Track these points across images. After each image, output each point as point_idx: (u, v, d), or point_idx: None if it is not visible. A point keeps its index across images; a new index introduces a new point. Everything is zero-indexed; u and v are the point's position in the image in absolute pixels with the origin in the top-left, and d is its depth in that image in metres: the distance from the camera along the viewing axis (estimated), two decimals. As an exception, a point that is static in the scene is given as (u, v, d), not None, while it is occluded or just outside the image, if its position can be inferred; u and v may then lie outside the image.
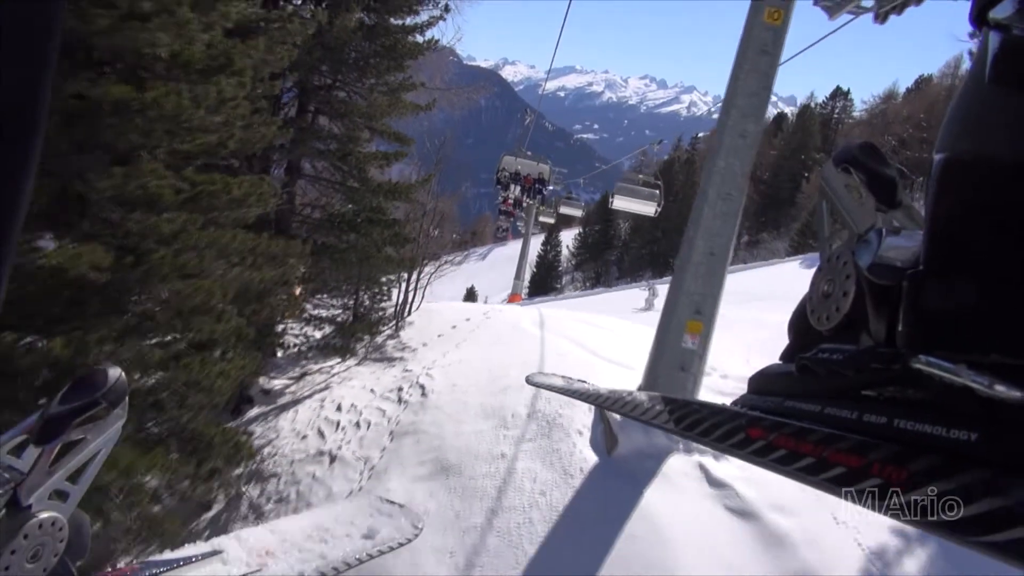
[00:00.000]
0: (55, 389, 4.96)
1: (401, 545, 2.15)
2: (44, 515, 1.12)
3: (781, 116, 72.79)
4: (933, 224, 0.71)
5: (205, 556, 1.67)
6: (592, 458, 6.93)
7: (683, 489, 6.30)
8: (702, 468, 6.55)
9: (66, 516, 1.16)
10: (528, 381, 2.15)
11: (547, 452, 7.15)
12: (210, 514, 8.49)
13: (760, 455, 0.83)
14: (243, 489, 8.57)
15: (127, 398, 1.21)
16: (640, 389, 7.42)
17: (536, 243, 51.93)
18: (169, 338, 6.28)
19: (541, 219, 37.87)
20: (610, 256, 62.10)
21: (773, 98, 7.49)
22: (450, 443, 7.90)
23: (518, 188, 18.81)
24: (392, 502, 2.38)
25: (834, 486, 0.69)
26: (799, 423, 0.83)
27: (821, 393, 0.85)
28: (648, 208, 19.59)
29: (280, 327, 11.28)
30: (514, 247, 42.09)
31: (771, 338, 8.47)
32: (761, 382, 1.07)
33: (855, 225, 0.98)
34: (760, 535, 5.65)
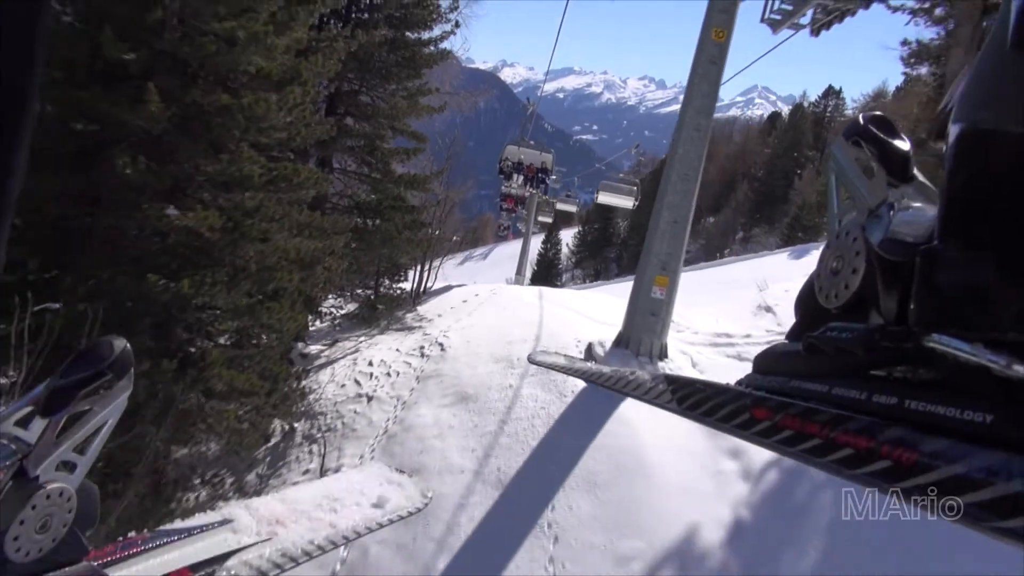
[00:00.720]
0: (179, 320, 6.96)
1: (411, 514, 2.17)
2: (52, 486, 1.12)
3: (775, 115, 74.59)
4: (949, 197, 0.68)
5: (215, 525, 1.70)
6: (581, 384, 8.79)
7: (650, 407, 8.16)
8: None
9: (74, 487, 1.16)
10: (530, 360, 2.11)
11: (546, 382, 9.01)
12: (270, 444, 10.35)
13: (765, 436, 0.82)
14: (296, 424, 10.42)
15: (132, 369, 1.20)
16: (620, 335, 9.34)
17: (536, 242, 53.74)
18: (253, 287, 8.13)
19: (540, 219, 39.70)
20: (609, 253, 63.81)
21: (772, 97, 9.36)
22: (467, 381, 9.77)
23: (521, 177, 19.06)
24: (401, 471, 2.42)
25: (842, 468, 0.68)
26: (805, 403, 0.82)
27: (828, 373, 0.84)
28: (627, 202, 22.96)
29: (318, 298, 13.12)
30: (515, 246, 43.83)
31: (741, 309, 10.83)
32: (766, 361, 1.05)
33: (866, 200, 0.95)
34: (707, 430, 7.52)
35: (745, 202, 61.50)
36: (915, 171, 0.94)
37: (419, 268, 15.15)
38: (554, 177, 20.03)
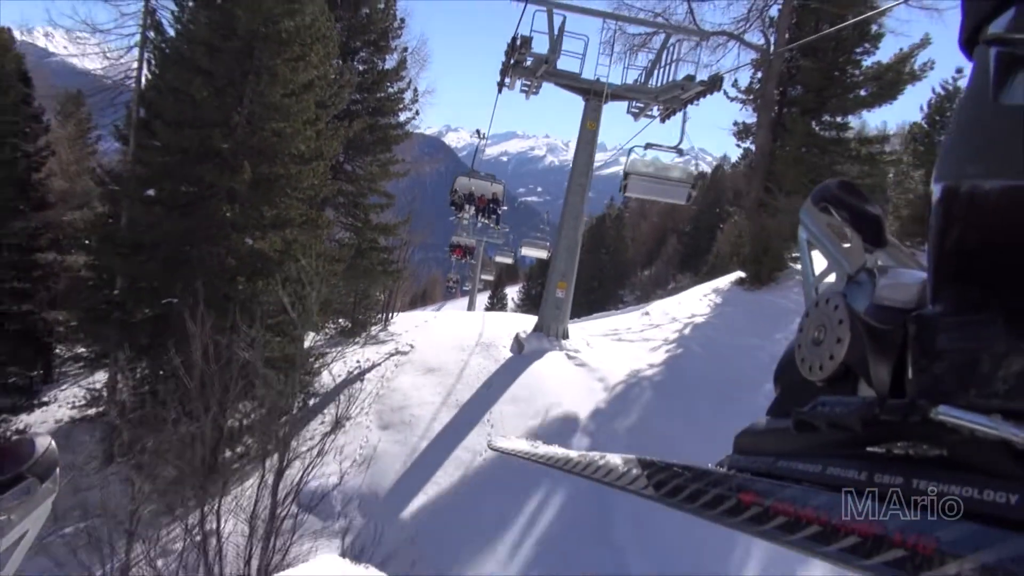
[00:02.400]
0: (247, 311, 11.54)
1: None
2: None
3: (701, 175, 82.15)
4: (941, 257, 0.66)
5: None
6: (509, 355, 13.27)
7: (554, 361, 12.71)
8: (567, 354, 12.97)
9: None
10: (490, 446, 1.90)
11: (486, 356, 13.43)
12: (293, 411, 14.32)
13: (757, 523, 0.75)
14: (313, 399, 14.46)
15: (57, 470, 1.01)
16: (537, 324, 13.91)
17: (483, 298, 58.32)
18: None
19: (483, 277, 44.16)
20: (551, 305, 68.54)
21: (709, 158, 13.51)
22: (432, 361, 14.08)
23: (472, 208, 19.60)
24: (362, 564, 2.56)
25: (849, 557, 0.62)
26: (798, 485, 0.76)
27: (819, 451, 0.79)
28: (543, 254, 28.61)
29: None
30: (463, 302, 48.31)
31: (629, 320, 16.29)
32: (748, 440, 0.99)
33: (844, 266, 0.92)
34: (586, 372, 12.09)
35: (675, 255, 67.72)
36: (888, 235, 0.91)
37: (388, 295, 19.49)
38: (505, 208, 20.58)
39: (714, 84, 12.33)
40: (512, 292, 70.13)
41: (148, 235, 11.54)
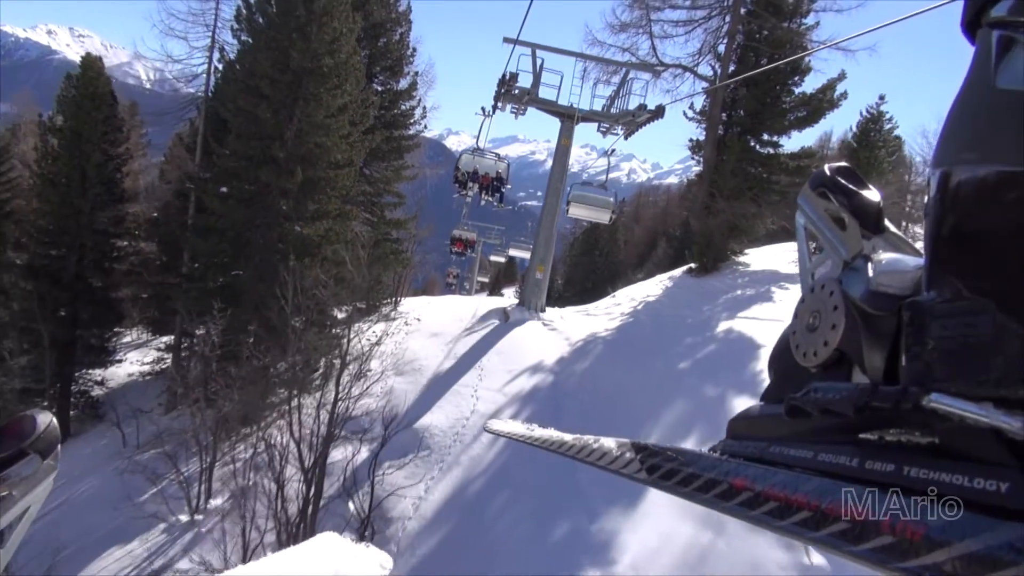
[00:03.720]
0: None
1: None
2: None
3: (692, 181, 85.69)
4: (937, 244, 0.66)
5: None
6: (497, 323, 16.75)
7: (532, 327, 16.21)
8: (543, 323, 16.46)
9: None
10: (486, 429, 1.96)
11: (479, 324, 16.90)
12: (320, 369, 17.77)
13: (748, 507, 0.76)
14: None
15: (59, 447, 1.03)
16: (519, 300, 17.42)
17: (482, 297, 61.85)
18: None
19: (479, 279, 47.38)
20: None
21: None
22: (436, 328, 17.54)
23: (476, 187, 19.60)
24: (361, 540, 2.83)
25: (837, 543, 0.62)
26: (790, 471, 0.77)
27: (811, 437, 0.80)
28: (527, 254, 31.60)
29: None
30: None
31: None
32: (741, 426, 1.01)
33: (840, 252, 0.92)
34: (556, 334, 15.59)
35: (665, 257, 71.03)
36: (886, 222, 0.91)
37: (397, 281, 22.97)
38: (509, 186, 20.26)
39: (658, 113, 15.87)
40: (509, 292, 73.79)
41: (220, 222, 15.07)
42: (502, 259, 44.23)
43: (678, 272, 20.62)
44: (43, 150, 17.70)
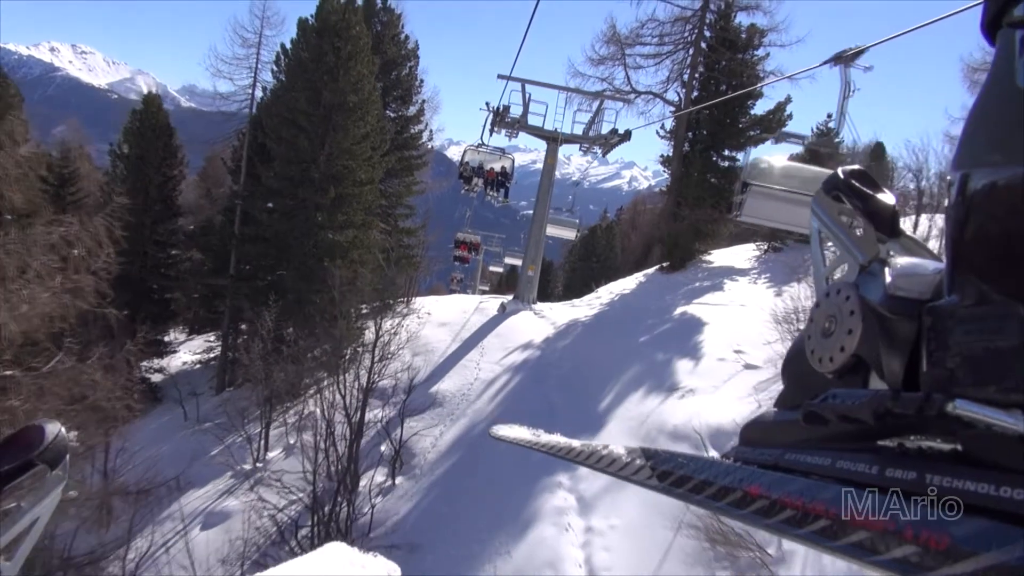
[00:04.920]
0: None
1: None
2: None
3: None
4: (957, 248, 0.66)
5: None
6: (496, 313, 19.95)
7: (524, 316, 19.46)
8: (534, 312, 19.70)
9: None
10: (492, 435, 1.92)
11: (482, 315, 20.10)
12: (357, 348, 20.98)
13: (764, 516, 0.75)
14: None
15: (67, 457, 1.01)
16: (515, 295, 20.69)
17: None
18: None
19: (480, 288, 50.67)
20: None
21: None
22: (444, 319, 20.73)
23: (481, 182, 19.78)
24: (369, 551, 2.72)
25: (857, 552, 0.61)
26: (807, 479, 0.76)
27: (828, 444, 0.79)
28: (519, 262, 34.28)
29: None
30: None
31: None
32: (755, 432, 0.99)
33: (856, 256, 0.92)
34: (544, 320, 18.82)
35: (659, 262, 74.16)
36: (901, 225, 0.90)
37: (408, 282, 26.25)
38: (514, 181, 20.48)
39: (626, 136, 19.16)
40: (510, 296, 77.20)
41: (266, 231, 18.38)
42: (500, 269, 46.93)
43: (652, 270, 23.85)
44: (112, 173, 21.17)
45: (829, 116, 26.79)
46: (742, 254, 22.91)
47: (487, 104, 20.67)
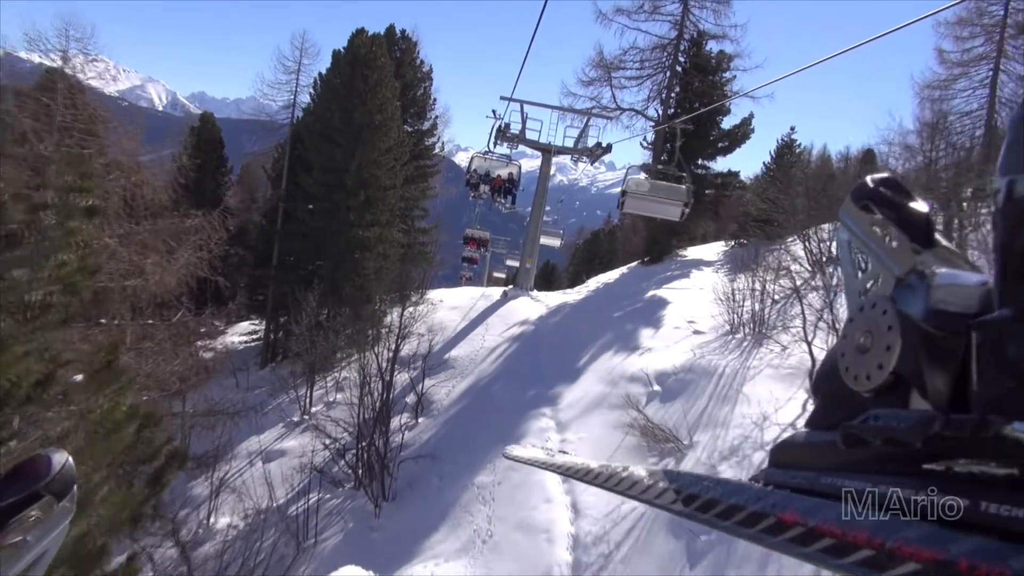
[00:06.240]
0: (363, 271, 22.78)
1: None
2: None
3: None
4: (1008, 258, 0.63)
5: None
6: (498, 297, 23.53)
7: (523, 300, 23.06)
8: (531, 298, 23.32)
9: None
10: (506, 456, 1.88)
11: (488, 301, 23.67)
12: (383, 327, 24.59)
13: (800, 544, 0.70)
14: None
15: (75, 488, 0.98)
16: (515, 283, 24.34)
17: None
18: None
19: (495, 274, 54.42)
20: (550, 305, 79.46)
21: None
22: (456, 304, 24.32)
23: (488, 188, 20.03)
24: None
25: None
26: (845, 505, 0.70)
27: (867, 467, 0.74)
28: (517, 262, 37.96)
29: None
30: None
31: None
32: (787, 454, 0.93)
33: (891, 268, 0.86)
34: (539, 303, 22.42)
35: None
36: (937, 235, 0.85)
37: (422, 276, 29.95)
38: (521, 188, 20.77)
39: (608, 149, 22.75)
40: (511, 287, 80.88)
41: (306, 228, 22.08)
42: (503, 275, 50.63)
43: (635, 263, 27.43)
44: (175, 182, 25.06)
45: (793, 128, 30.56)
46: (714, 249, 26.45)
47: (494, 112, 22.00)
